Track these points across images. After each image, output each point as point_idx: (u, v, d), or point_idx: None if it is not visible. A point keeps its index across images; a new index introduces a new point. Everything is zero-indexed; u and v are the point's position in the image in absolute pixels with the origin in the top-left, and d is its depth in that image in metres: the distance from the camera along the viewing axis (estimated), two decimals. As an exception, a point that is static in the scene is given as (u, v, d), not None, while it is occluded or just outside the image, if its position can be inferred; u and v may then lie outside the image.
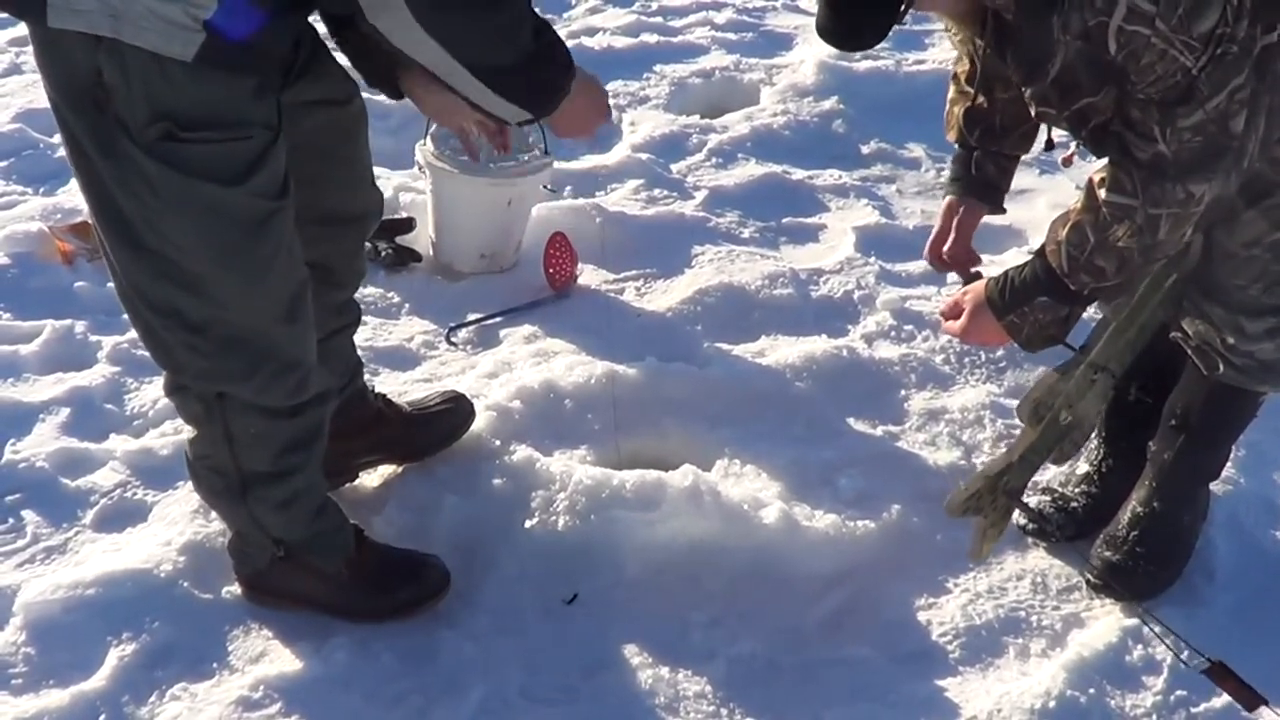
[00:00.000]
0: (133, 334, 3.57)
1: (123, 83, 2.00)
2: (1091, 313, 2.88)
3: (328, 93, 2.50)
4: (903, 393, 3.57)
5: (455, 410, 3.17)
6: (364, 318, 3.69)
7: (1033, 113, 2.49)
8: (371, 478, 3.12)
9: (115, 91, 2.01)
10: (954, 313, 2.72)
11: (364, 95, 2.63)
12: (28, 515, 3.00)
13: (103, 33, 1.95)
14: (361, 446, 3.06)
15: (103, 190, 2.15)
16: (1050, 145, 2.77)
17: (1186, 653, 2.54)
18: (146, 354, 3.47)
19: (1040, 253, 2.53)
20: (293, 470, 2.57)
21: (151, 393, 3.42)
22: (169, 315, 2.28)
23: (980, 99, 2.78)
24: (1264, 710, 2.43)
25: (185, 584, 2.78)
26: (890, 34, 2.29)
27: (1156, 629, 2.67)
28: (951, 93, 2.90)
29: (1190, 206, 2.31)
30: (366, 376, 3.10)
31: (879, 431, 3.40)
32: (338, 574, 2.72)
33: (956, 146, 2.93)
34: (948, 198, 2.94)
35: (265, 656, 2.66)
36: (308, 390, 2.49)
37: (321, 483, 2.69)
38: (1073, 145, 2.72)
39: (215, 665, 2.64)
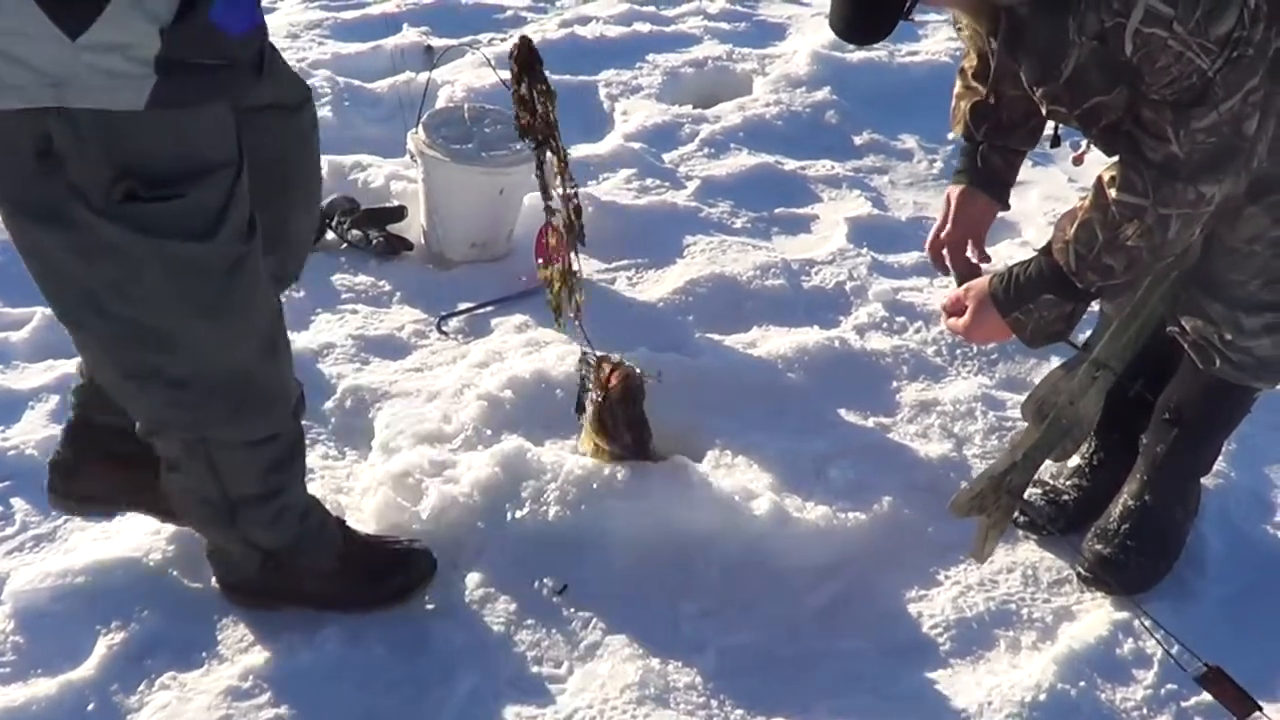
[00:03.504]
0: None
1: (76, 147, 1.87)
2: (1092, 308, 2.87)
3: (280, 97, 2.35)
4: (894, 384, 3.57)
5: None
6: (355, 306, 3.70)
7: (1043, 111, 2.49)
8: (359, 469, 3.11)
9: (69, 158, 1.88)
10: (956, 309, 2.71)
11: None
12: (17, 503, 2.99)
13: (44, 103, 1.82)
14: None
15: (55, 262, 2.03)
16: (1056, 141, 2.76)
17: (1180, 654, 2.55)
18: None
19: (1046, 250, 2.52)
20: (279, 488, 2.54)
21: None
22: (148, 377, 2.21)
23: (988, 94, 2.77)
24: (1258, 716, 2.43)
25: (175, 572, 2.78)
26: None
27: (1158, 634, 2.67)
28: (958, 88, 2.89)
29: (1201, 207, 2.31)
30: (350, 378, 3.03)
31: (870, 423, 3.40)
32: (329, 569, 2.70)
33: (962, 141, 2.92)
34: (952, 187, 2.93)
35: (255, 646, 2.65)
36: (289, 417, 2.48)
37: (304, 487, 2.65)
38: (1084, 144, 2.71)
39: (205, 655, 2.63)
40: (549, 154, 2.84)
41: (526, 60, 2.70)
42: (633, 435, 3.00)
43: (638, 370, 3.00)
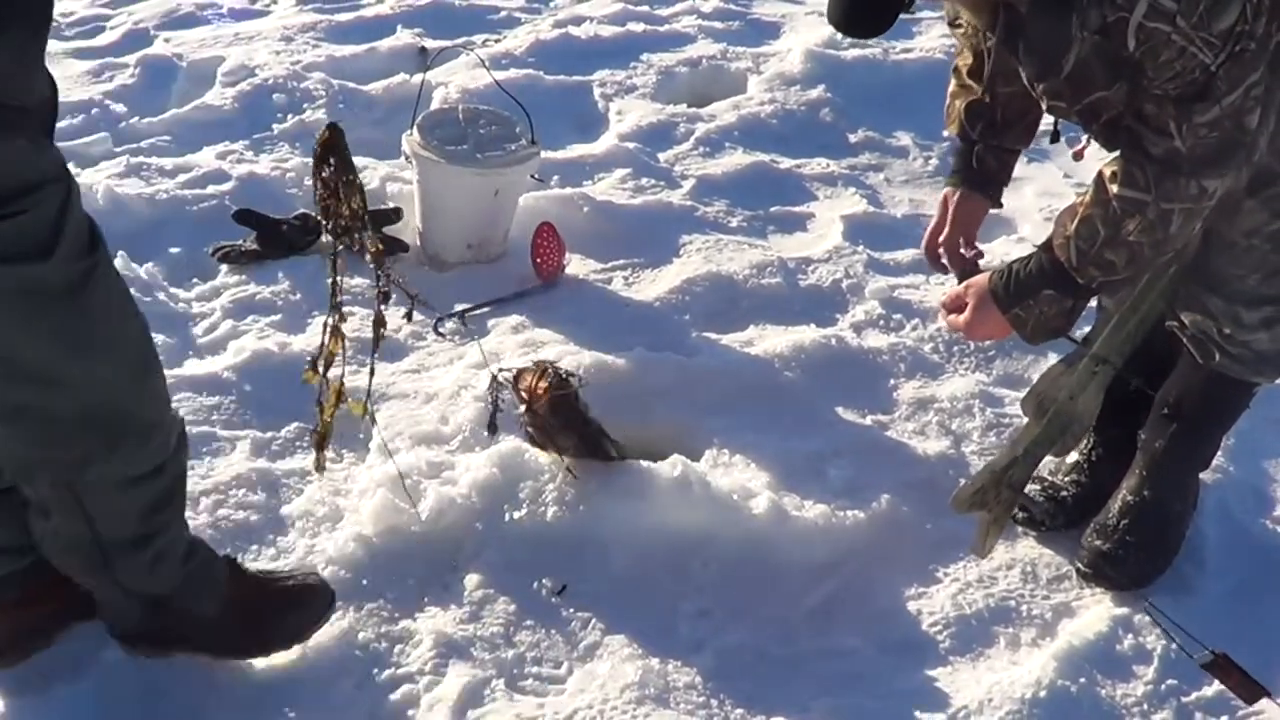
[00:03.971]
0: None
1: None
2: (1091, 304, 2.87)
3: None
4: (892, 382, 3.56)
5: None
6: (351, 308, 3.69)
7: (1044, 106, 2.49)
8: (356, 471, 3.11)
9: None
10: (955, 306, 2.71)
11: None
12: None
13: None
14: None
15: None
16: (1056, 137, 2.76)
17: (1185, 644, 2.55)
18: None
19: (1046, 246, 2.52)
20: (159, 530, 2.34)
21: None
22: (12, 418, 2.07)
23: (983, 93, 2.77)
24: (1265, 702, 2.43)
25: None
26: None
27: (1162, 622, 2.67)
28: (952, 86, 2.90)
29: (1203, 201, 2.32)
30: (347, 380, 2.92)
31: (868, 421, 3.39)
32: (215, 614, 2.50)
33: (957, 140, 2.93)
34: (946, 190, 2.93)
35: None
36: (170, 445, 2.29)
37: (185, 525, 2.46)
38: (1084, 139, 2.71)
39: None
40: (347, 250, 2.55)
41: (329, 148, 2.41)
42: (577, 437, 2.98)
43: (562, 374, 2.99)
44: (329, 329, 2.48)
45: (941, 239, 2.91)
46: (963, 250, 2.91)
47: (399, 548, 2.87)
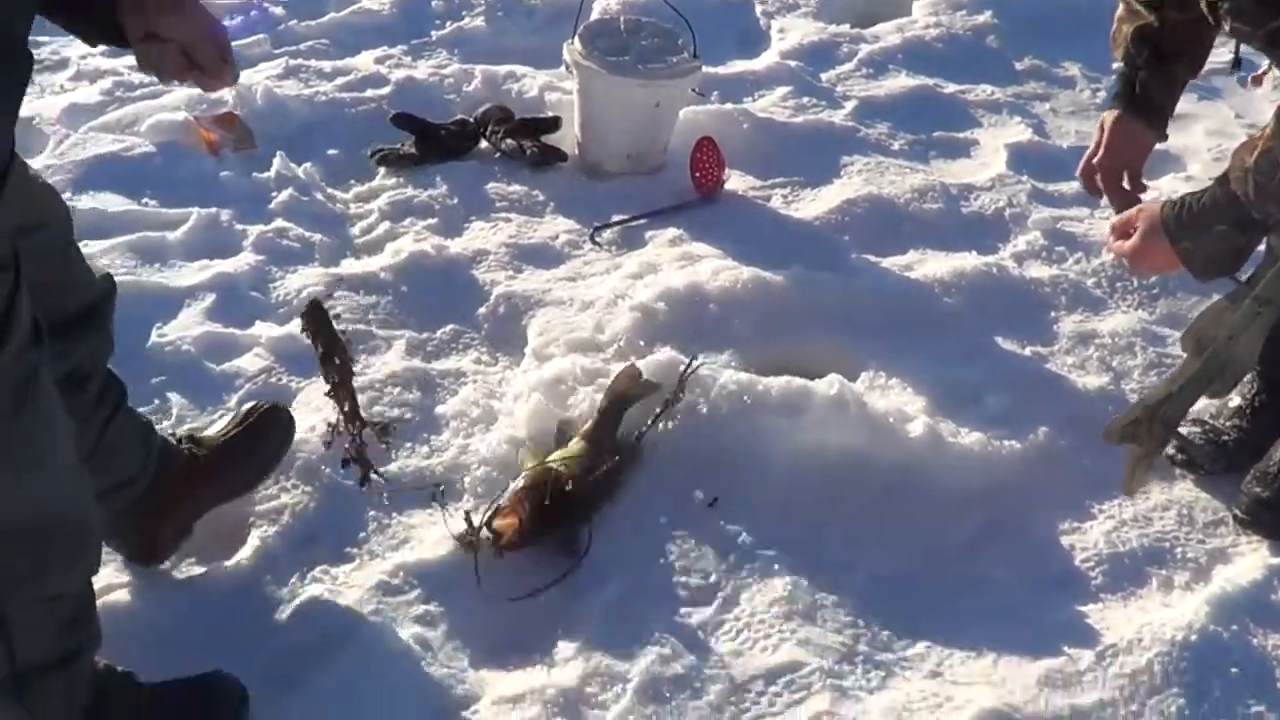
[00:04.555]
0: (278, 222, 3.64)
1: None
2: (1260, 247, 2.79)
3: (27, 219, 2.02)
4: (1052, 314, 3.51)
5: (275, 423, 2.80)
6: (509, 215, 3.71)
7: (1225, 28, 2.41)
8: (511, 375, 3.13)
9: None
10: (1124, 231, 2.64)
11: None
12: (173, 398, 3.05)
13: None
14: (189, 511, 2.64)
15: None
16: (1237, 65, 2.67)
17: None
18: (292, 243, 3.58)
19: (1222, 179, 2.43)
20: (80, 648, 2.06)
21: (296, 282, 3.46)
22: None
23: (1153, 18, 2.69)
24: None
25: (327, 470, 2.81)
26: None
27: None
28: (1120, 11, 2.81)
29: None
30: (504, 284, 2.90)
31: (1027, 352, 3.34)
32: None
33: (1122, 66, 2.84)
34: (1108, 113, 2.86)
35: (407, 544, 2.68)
36: (97, 557, 2.07)
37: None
38: (1265, 66, 2.63)
39: (357, 549, 2.67)
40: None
41: (317, 326, 2.54)
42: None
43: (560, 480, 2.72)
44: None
45: (1096, 160, 2.84)
46: (1125, 184, 2.84)
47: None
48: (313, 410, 2.95)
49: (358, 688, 2.37)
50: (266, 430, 2.76)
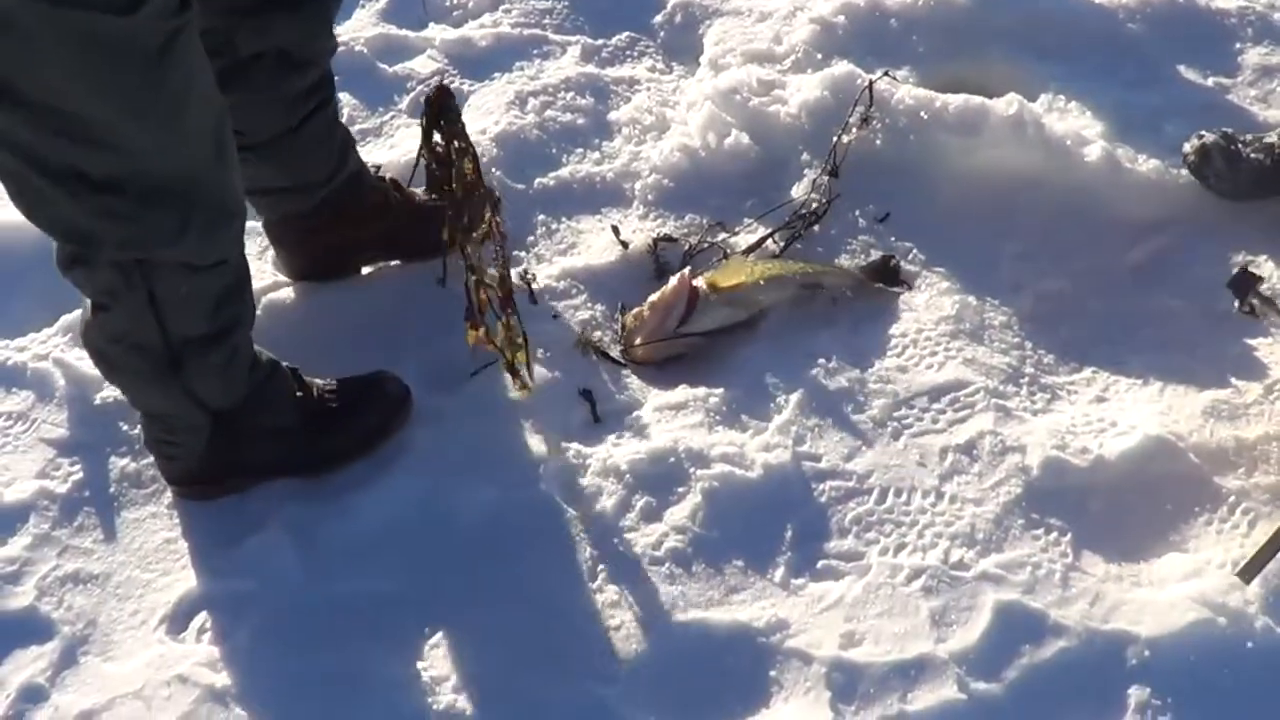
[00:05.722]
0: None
1: None
2: None
3: None
4: (1237, 45, 3.37)
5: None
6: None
7: None
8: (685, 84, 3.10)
9: None
10: None
11: None
12: (345, 98, 3.08)
13: None
14: (365, 238, 2.67)
15: None
16: None
17: None
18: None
19: None
20: (232, 325, 2.17)
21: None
22: (68, 179, 1.81)
23: None
24: None
25: (498, 172, 2.85)
26: None
27: None
28: None
29: None
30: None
31: (1210, 83, 3.23)
32: (289, 425, 2.35)
33: None
34: None
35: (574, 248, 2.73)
36: (241, 239, 2.13)
37: (251, 330, 2.28)
38: None
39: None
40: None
41: (439, 111, 2.24)
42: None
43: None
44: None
45: None
46: None
47: (722, 163, 2.90)
48: (484, 114, 2.97)
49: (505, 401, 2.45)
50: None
